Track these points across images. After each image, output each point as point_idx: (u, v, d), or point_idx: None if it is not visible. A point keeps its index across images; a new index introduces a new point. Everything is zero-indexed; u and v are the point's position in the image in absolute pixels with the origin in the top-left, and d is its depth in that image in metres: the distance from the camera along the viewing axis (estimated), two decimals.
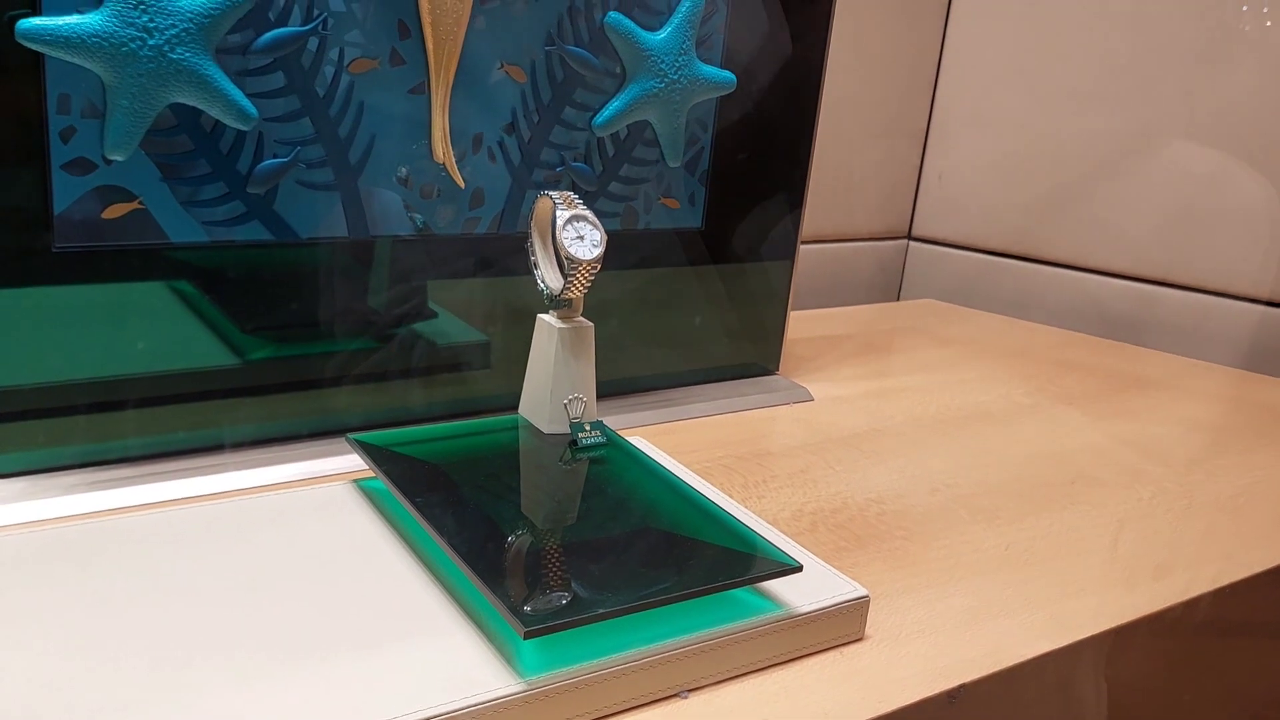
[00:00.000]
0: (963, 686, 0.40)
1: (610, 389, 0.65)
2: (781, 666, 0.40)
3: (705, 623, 0.38)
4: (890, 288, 1.15)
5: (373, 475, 0.48)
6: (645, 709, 0.37)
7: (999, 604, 0.46)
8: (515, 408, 0.54)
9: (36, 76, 0.44)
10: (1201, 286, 0.94)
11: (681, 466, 0.53)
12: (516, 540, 0.41)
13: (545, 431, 0.51)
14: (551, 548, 0.41)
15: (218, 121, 0.48)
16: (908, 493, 0.57)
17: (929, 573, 0.48)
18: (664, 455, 0.54)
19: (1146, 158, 0.96)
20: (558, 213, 0.50)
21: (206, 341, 0.52)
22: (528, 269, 0.53)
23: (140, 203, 0.47)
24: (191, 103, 0.47)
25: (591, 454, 0.50)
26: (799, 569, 0.40)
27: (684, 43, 0.61)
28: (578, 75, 0.59)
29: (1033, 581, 0.48)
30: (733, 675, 0.39)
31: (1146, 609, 0.46)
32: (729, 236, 0.69)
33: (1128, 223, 0.98)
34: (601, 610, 0.35)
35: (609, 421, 0.52)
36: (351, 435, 0.48)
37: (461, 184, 0.56)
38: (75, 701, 0.32)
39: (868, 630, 0.42)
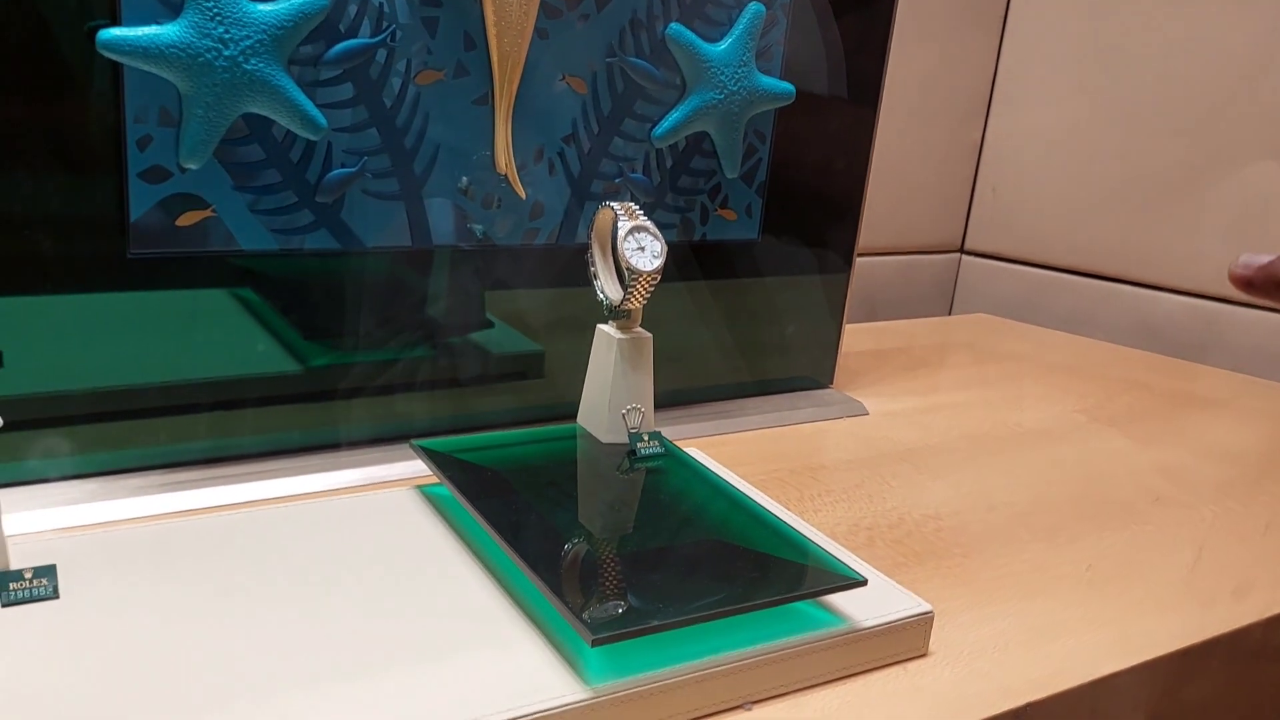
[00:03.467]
0: (1030, 705, 0.39)
1: (664, 400, 0.65)
2: (845, 681, 0.39)
3: (768, 635, 0.38)
4: (942, 302, 1.14)
5: (435, 481, 0.48)
6: None
7: (1064, 623, 0.45)
8: (569, 417, 0.54)
9: (115, 86, 0.45)
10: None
11: (737, 478, 0.53)
12: (580, 548, 0.41)
13: (603, 441, 0.52)
14: (615, 556, 0.41)
15: (289, 131, 0.49)
16: (965, 509, 0.57)
17: (991, 590, 0.48)
18: (720, 467, 0.54)
19: (1208, 173, 0.94)
20: (619, 223, 0.50)
21: (270, 347, 0.53)
22: (585, 281, 0.53)
23: (213, 211, 0.48)
24: (264, 112, 0.48)
25: (650, 464, 0.50)
26: (864, 583, 0.39)
27: (744, 54, 0.61)
28: (638, 86, 0.59)
29: (1098, 601, 0.47)
30: (796, 688, 0.38)
31: (1220, 629, 0.45)
32: (785, 249, 0.69)
33: (1187, 238, 0.96)
34: (669, 620, 0.35)
35: (663, 432, 0.52)
36: (415, 441, 0.49)
37: (523, 195, 0.57)
38: (145, 702, 0.32)
39: (931, 646, 0.42)
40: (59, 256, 0.46)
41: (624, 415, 0.52)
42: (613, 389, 0.51)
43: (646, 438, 0.51)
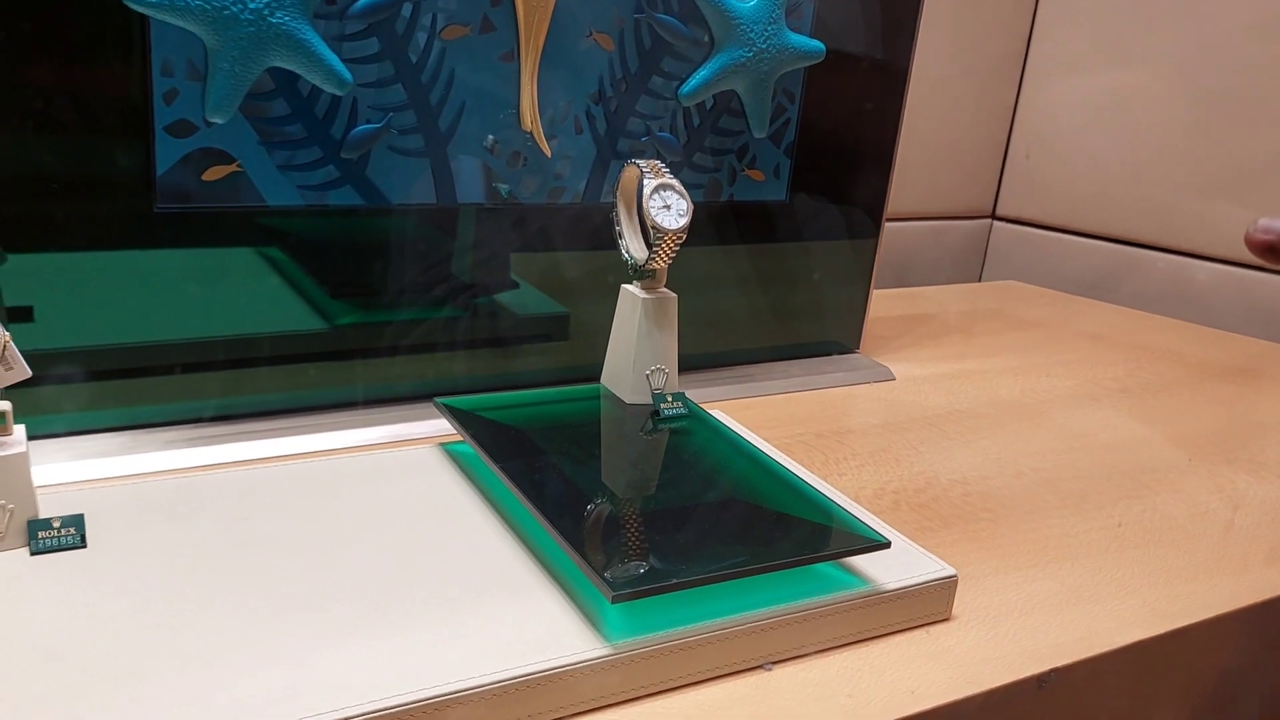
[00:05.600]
0: (1054, 671, 0.39)
1: (688, 363, 0.65)
2: (867, 643, 0.39)
3: (790, 596, 0.38)
4: (973, 268, 1.13)
5: (458, 439, 0.49)
6: (729, 679, 0.36)
7: (1091, 589, 0.45)
8: (592, 379, 0.54)
9: (142, 39, 0.45)
10: None
11: (762, 441, 0.53)
12: (602, 506, 0.41)
13: (627, 401, 0.51)
14: (637, 515, 0.41)
15: (314, 87, 0.49)
16: (993, 475, 0.56)
17: (1016, 556, 0.47)
18: (744, 429, 0.54)
19: (1243, 139, 0.92)
20: (645, 181, 0.50)
21: (296, 305, 0.53)
22: (611, 242, 0.53)
23: (239, 165, 0.48)
24: (289, 67, 0.47)
25: (673, 425, 0.50)
26: (887, 545, 0.39)
27: (774, 11, 0.60)
28: (666, 43, 0.58)
29: (1127, 567, 0.47)
30: (817, 650, 0.38)
31: (1253, 597, 0.45)
32: (813, 211, 0.68)
33: (1221, 205, 0.94)
34: (690, 577, 0.35)
35: (687, 394, 0.52)
36: (439, 400, 0.49)
37: (549, 153, 0.56)
38: (169, 648, 0.33)
39: (955, 610, 0.42)
40: (86, 212, 0.46)
41: (648, 376, 0.51)
42: (637, 349, 0.51)
43: (670, 398, 0.51)
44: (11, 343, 0.37)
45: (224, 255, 0.50)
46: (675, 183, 0.50)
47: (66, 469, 0.46)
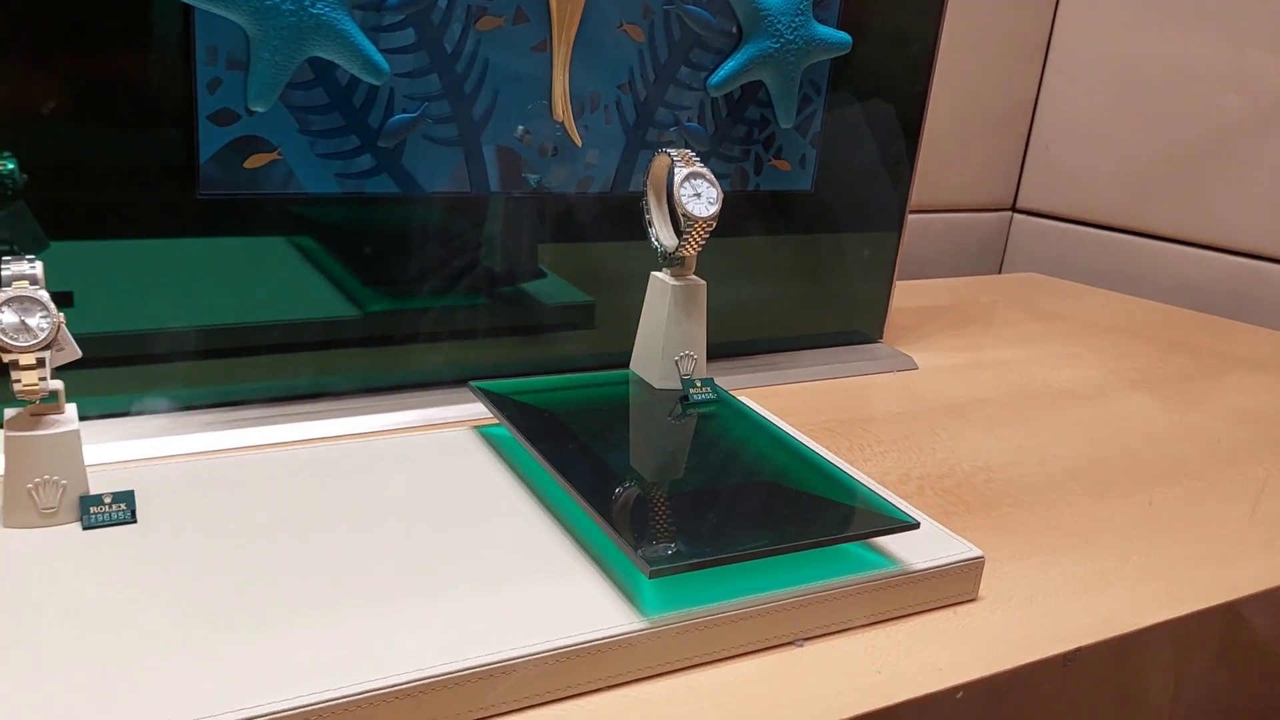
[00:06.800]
0: (1079, 650, 0.39)
1: (712, 351, 0.66)
2: (895, 622, 0.40)
3: (821, 575, 0.39)
4: (993, 260, 1.13)
5: (491, 423, 0.50)
6: (761, 654, 0.37)
7: (1114, 574, 0.45)
8: (618, 366, 0.55)
9: (186, 29, 0.46)
10: None
11: (789, 426, 0.54)
12: (636, 487, 0.42)
13: (656, 387, 0.52)
14: (670, 495, 0.42)
15: (352, 76, 0.50)
16: (1016, 462, 0.57)
17: (1041, 540, 0.48)
18: (771, 415, 0.55)
19: (1264, 132, 0.92)
20: (675, 169, 0.50)
21: (330, 292, 0.54)
22: (637, 233, 0.54)
23: (279, 153, 0.49)
24: (329, 56, 0.48)
25: (702, 410, 0.51)
26: (916, 526, 0.40)
27: (801, 3, 0.61)
28: (695, 34, 0.59)
29: (1151, 553, 0.47)
30: (847, 627, 0.39)
31: (1273, 581, 0.45)
32: (838, 201, 0.69)
33: (1242, 198, 0.94)
34: (726, 554, 0.36)
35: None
36: (474, 383, 0.50)
37: (579, 143, 0.57)
38: (217, 618, 0.34)
39: (981, 592, 0.42)
40: (130, 199, 0.47)
41: (677, 362, 0.52)
42: (666, 335, 0.52)
43: (699, 384, 0.52)
44: (64, 324, 0.38)
45: (263, 242, 0.51)
46: (706, 171, 0.51)
47: (113, 449, 0.47)
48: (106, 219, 0.47)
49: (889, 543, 0.41)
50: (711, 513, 0.40)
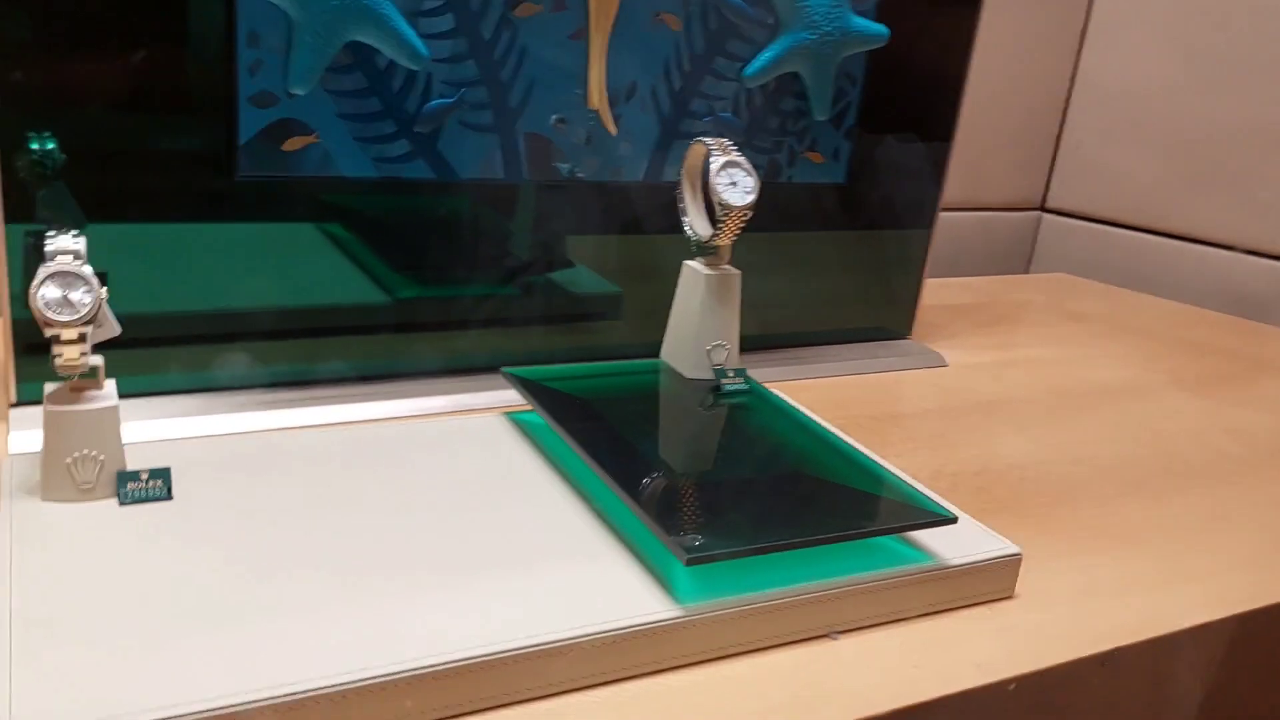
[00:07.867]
0: (1117, 650, 0.39)
1: (742, 344, 0.65)
2: (931, 617, 0.40)
3: (856, 568, 0.38)
4: (1019, 260, 1.12)
5: (521, 409, 0.49)
6: (796, 646, 0.37)
7: (1153, 574, 0.45)
8: (647, 356, 0.54)
9: (229, 11, 0.46)
10: None
11: (821, 419, 0.53)
12: (669, 473, 0.42)
13: (687, 376, 0.52)
14: (704, 484, 0.42)
15: (390, 61, 0.50)
16: (1049, 461, 0.56)
17: (1077, 539, 0.47)
18: (803, 408, 0.54)
19: None
20: (712, 158, 0.50)
21: (362, 278, 0.54)
22: (669, 225, 0.53)
23: (317, 137, 0.49)
24: (369, 41, 0.48)
25: (734, 400, 0.51)
26: (954, 520, 0.40)
27: None
28: (731, 25, 0.59)
29: (1189, 555, 0.47)
30: (883, 621, 0.39)
31: None
32: (871, 194, 0.68)
33: (1272, 200, 0.93)
34: (763, 543, 0.36)
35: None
36: (507, 369, 0.50)
37: (614, 131, 0.57)
38: (251, 594, 0.34)
39: (1017, 590, 0.42)
40: (169, 180, 0.47)
41: (709, 351, 0.52)
42: (699, 325, 0.52)
43: (732, 374, 0.52)
44: (106, 300, 0.38)
45: (299, 227, 0.51)
46: (742, 160, 0.50)
47: (148, 427, 0.47)
48: (149, 201, 0.47)
49: (925, 537, 0.41)
50: (746, 502, 0.40)
